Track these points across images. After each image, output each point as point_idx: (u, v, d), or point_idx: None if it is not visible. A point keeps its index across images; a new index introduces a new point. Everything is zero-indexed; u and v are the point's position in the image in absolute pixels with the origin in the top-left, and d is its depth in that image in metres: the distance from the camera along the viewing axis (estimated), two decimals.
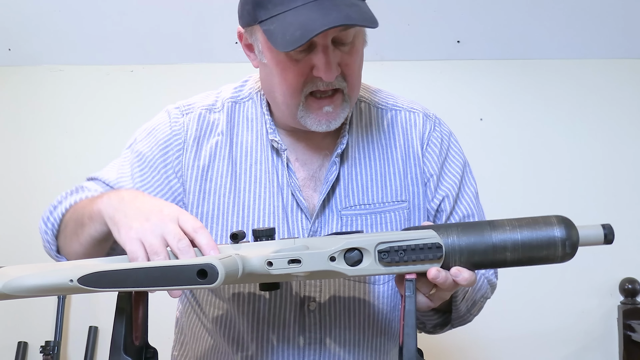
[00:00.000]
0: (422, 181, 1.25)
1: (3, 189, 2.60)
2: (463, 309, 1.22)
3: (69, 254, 1.18)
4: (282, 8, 1.07)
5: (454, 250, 0.96)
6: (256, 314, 1.19)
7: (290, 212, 1.20)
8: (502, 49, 2.51)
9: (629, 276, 2.42)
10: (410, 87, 2.45)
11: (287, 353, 1.19)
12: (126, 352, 0.95)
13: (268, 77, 1.17)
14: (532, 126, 2.52)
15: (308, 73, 1.12)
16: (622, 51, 2.50)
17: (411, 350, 0.93)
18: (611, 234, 0.99)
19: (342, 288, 1.21)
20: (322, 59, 1.10)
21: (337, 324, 1.21)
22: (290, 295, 1.19)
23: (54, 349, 2.41)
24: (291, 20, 1.06)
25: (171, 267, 0.87)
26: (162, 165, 1.23)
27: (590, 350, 2.45)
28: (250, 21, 1.13)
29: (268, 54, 1.14)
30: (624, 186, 2.49)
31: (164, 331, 1.54)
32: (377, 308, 1.23)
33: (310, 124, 1.16)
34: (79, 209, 1.14)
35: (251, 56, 1.20)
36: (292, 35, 1.04)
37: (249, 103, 1.26)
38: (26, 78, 2.62)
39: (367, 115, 1.28)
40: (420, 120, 1.28)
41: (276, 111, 1.23)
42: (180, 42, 2.54)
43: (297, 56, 1.11)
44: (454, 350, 2.45)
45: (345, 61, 1.13)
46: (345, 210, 1.21)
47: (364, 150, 1.25)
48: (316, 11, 1.05)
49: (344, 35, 1.11)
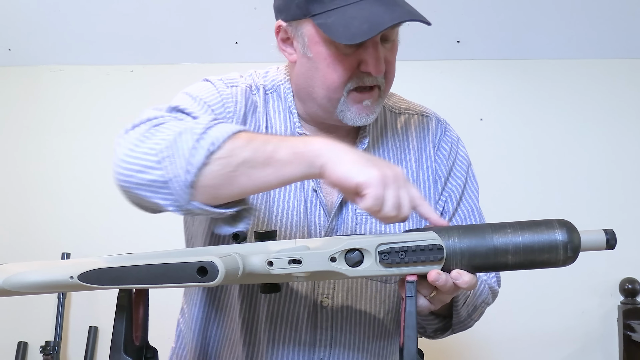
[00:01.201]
0: (433, 183, 1.27)
1: (3, 189, 2.60)
2: (464, 314, 1.22)
3: (218, 198, 0.97)
4: (341, 2, 1.09)
5: (455, 253, 0.96)
6: (270, 310, 1.20)
7: (310, 208, 1.20)
8: (502, 49, 2.51)
9: (629, 276, 2.42)
10: (410, 87, 2.43)
11: (297, 350, 1.20)
12: (126, 352, 0.95)
13: (309, 71, 1.17)
14: (532, 126, 2.52)
15: (355, 68, 1.14)
16: (622, 51, 2.50)
17: (412, 352, 0.93)
18: (613, 239, 0.99)
19: (355, 285, 1.22)
20: (374, 54, 1.12)
21: (349, 321, 1.21)
22: (303, 292, 1.20)
23: (54, 349, 2.41)
24: (353, 14, 1.08)
25: (171, 264, 0.87)
26: (225, 114, 1.16)
27: (590, 350, 2.45)
28: (299, 15, 1.14)
29: (317, 47, 1.14)
30: (624, 186, 2.49)
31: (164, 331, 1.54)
32: (387, 307, 1.24)
33: (350, 117, 1.17)
34: (254, 147, 0.96)
35: (288, 50, 1.20)
36: (359, 28, 1.06)
37: (274, 95, 1.26)
38: (26, 78, 2.62)
39: (382, 118, 1.29)
40: (433, 124, 1.31)
41: (308, 107, 1.23)
42: (180, 42, 2.54)
43: (346, 51, 1.12)
44: (454, 350, 2.45)
45: (388, 58, 1.16)
46: (360, 209, 1.21)
47: (379, 152, 1.26)
48: (379, 6, 1.08)
49: (391, 33, 1.15)
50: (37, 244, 2.52)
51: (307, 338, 1.20)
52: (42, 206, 2.57)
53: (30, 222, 2.57)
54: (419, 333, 1.30)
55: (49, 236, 2.52)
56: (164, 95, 2.50)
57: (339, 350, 1.21)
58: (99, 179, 2.40)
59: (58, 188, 2.56)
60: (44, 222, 2.56)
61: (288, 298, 1.20)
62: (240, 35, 2.50)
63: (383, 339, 1.25)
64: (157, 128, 0.98)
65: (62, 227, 2.55)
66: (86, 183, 2.52)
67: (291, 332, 1.20)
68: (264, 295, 1.20)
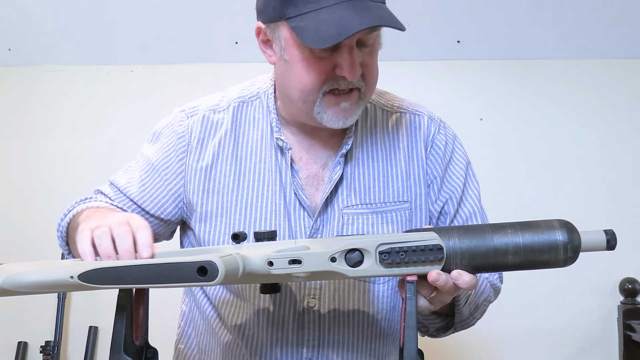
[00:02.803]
0: (425, 183, 1.26)
1: (3, 189, 2.60)
2: (466, 313, 1.22)
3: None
4: (314, 6, 1.09)
5: (455, 253, 0.96)
6: (256, 312, 1.20)
7: (293, 210, 1.21)
8: (502, 49, 2.51)
9: (629, 276, 2.42)
10: (410, 87, 2.44)
11: (285, 350, 1.20)
12: (126, 352, 0.95)
13: (287, 73, 1.18)
14: (532, 126, 2.52)
15: (330, 71, 1.13)
16: (622, 51, 2.50)
17: (412, 352, 0.93)
18: (614, 239, 0.99)
19: (342, 287, 1.22)
20: (348, 59, 1.11)
21: (336, 323, 1.21)
22: (290, 293, 1.20)
23: (54, 349, 2.41)
24: (325, 18, 1.07)
25: (171, 264, 0.88)
26: (164, 168, 1.26)
27: (590, 350, 2.45)
28: (275, 17, 1.14)
29: (292, 50, 1.14)
30: (623, 186, 2.49)
31: (165, 331, 1.54)
32: (376, 308, 1.23)
33: (327, 120, 1.17)
34: (77, 221, 1.17)
35: (268, 52, 1.21)
36: (327, 32, 1.06)
37: (257, 102, 1.28)
38: (26, 78, 2.62)
39: (372, 116, 1.29)
40: (425, 122, 1.30)
41: (288, 108, 1.24)
42: (180, 42, 2.54)
43: (321, 54, 1.12)
44: (454, 350, 2.45)
45: (366, 62, 1.15)
46: (347, 209, 1.22)
47: (367, 151, 1.26)
48: (350, 11, 1.07)
49: (368, 37, 1.14)
50: (37, 244, 2.52)
51: (294, 339, 1.20)
52: (42, 206, 2.56)
53: (30, 222, 2.57)
54: (422, 332, 1.30)
55: (49, 236, 2.51)
56: (164, 95, 2.52)
57: (326, 351, 1.21)
58: (99, 179, 2.37)
59: (58, 188, 2.56)
60: (44, 222, 2.55)
61: (274, 299, 1.20)
62: (240, 35, 2.50)
63: (374, 339, 1.24)
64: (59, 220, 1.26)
65: None
66: (86, 183, 2.51)
67: (277, 333, 1.20)
68: (251, 296, 1.20)
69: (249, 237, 1.12)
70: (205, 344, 1.29)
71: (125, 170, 1.32)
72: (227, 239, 1.20)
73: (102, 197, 1.30)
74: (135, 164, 1.31)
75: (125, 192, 1.27)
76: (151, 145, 1.30)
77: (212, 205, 1.23)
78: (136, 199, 1.26)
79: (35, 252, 2.50)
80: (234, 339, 1.23)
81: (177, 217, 1.27)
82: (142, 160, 1.30)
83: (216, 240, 1.22)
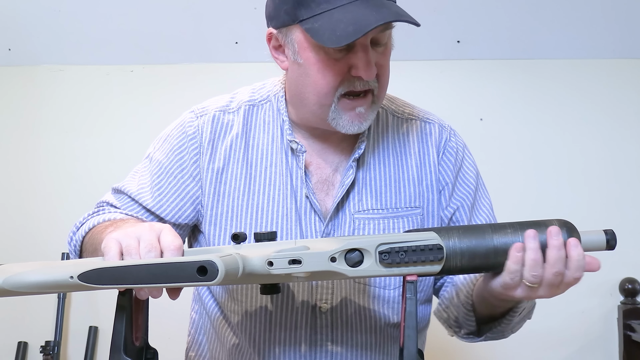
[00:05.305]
0: (437, 189, 1.26)
1: (3, 189, 2.60)
2: (516, 320, 1.18)
3: None
4: (327, 6, 1.09)
5: (454, 253, 0.96)
6: (268, 315, 1.20)
7: (304, 214, 1.21)
8: (502, 49, 2.51)
9: (629, 276, 2.42)
10: (410, 87, 2.44)
11: (296, 355, 1.19)
12: (126, 352, 0.95)
13: (301, 77, 1.17)
14: (532, 126, 2.52)
15: (345, 73, 1.13)
16: (622, 51, 2.50)
17: (412, 352, 0.93)
18: (613, 239, 1.00)
19: (353, 291, 1.21)
20: (363, 58, 1.11)
21: (347, 327, 1.21)
22: (302, 297, 1.19)
23: (54, 349, 2.41)
24: (340, 17, 1.07)
25: (171, 263, 0.88)
26: (179, 171, 1.24)
27: (590, 350, 2.45)
28: (288, 21, 1.13)
29: (306, 53, 1.14)
30: (624, 186, 2.49)
31: (164, 331, 1.54)
32: (387, 313, 1.23)
33: (343, 125, 1.17)
34: (96, 234, 1.15)
35: (280, 58, 1.21)
36: (345, 30, 1.06)
37: (267, 105, 1.27)
38: (26, 78, 2.62)
39: (384, 122, 1.29)
40: (437, 129, 1.30)
41: (300, 113, 1.23)
42: (180, 42, 2.54)
43: (336, 55, 1.12)
44: (454, 350, 2.45)
45: (380, 62, 1.15)
46: (358, 214, 1.21)
47: (379, 156, 1.26)
48: (365, 9, 1.07)
49: (381, 36, 1.14)
50: (37, 244, 2.52)
51: (306, 342, 1.20)
52: (42, 206, 2.56)
53: (30, 222, 2.57)
54: (454, 332, 1.28)
55: (49, 236, 2.52)
56: (164, 95, 2.52)
57: (338, 354, 1.20)
58: (99, 179, 2.40)
59: (58, 188, 2.56)
60: (44, 222, 2.56)
61: (286, 303, 1.19)
62: (240, 35, 2.50)
63: (384, 343, 1.24)
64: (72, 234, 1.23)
65: (62, 227, 2.54)
66: (86, 183, 2.52)
67: (290, 336, 1.20)
68: (262, 300, 1.20)
69: (249, 237, 1.12)
70: (218, 352, 1.28)
71: (133, 176, 1.28)
72: (250, 234, 1.18)
73: (111, 208, 1.26)
74: (143, 169, 1.28)
75: (138, 200, 1.24)
76: (160, 148, 1.27)
77: (223, 208, 1.22)
78: (150, 206, 1.23)
79: (35, 252, 2.50)
80: (241, 343, 1.22)
81: (193, 221, 1.25)
82: (152, 165, 1.26)
83: (227, 244, 1.20)
